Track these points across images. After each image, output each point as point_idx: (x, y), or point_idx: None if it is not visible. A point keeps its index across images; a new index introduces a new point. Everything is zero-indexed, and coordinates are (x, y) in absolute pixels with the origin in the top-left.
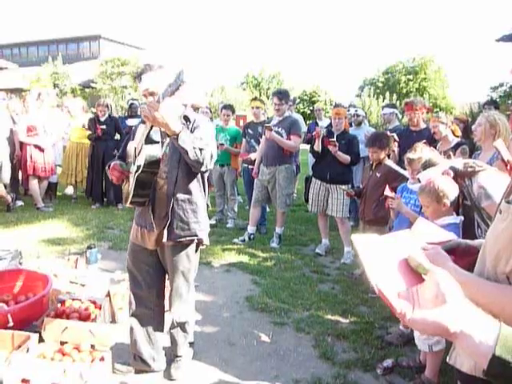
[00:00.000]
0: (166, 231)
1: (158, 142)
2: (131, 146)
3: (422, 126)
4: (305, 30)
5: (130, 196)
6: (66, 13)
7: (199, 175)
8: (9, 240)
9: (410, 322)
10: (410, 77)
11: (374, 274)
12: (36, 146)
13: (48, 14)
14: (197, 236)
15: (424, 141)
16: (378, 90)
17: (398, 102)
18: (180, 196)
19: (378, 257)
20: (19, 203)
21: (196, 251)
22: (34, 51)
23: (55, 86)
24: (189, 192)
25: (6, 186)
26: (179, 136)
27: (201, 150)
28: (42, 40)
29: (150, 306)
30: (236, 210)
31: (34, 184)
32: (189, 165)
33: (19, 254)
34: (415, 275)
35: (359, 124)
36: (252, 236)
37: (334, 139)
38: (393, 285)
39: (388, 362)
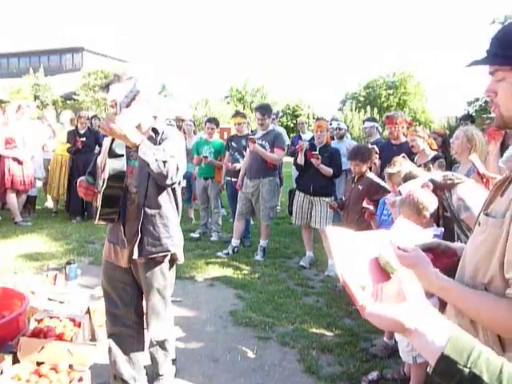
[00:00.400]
0: (136, 248)
1: (122, 156)
2: (99, 161)
3: (403, 139)
4: (288, 45)
5: (98, 212)
6: (49, 24)
7: (170, 188)
8: None
9: (369, 315)
10: (391, 91)
11: (341, 265)
12: (14, 159)
13: (30, 25)
14: (169, 251)
15: (403, 154)
16: (360, 104)
17: (378, 115)
18: (150, 211)
19: (349, 250)
20: None
21: (171, 267)
22: (15, 62)
23: (36, 97)
24: (159, 206)
25: None
26: (139, 148)
27: (164, 162)
28: (24, 51)
29: (128, 323)
30: (220, 223)
31: (12, 198)
32: None
33: None
34: (383, 274)
35: (341, 137)
36: (236, 249)
37: (317, 152)
38: (359, 278)
39: (373, 375)
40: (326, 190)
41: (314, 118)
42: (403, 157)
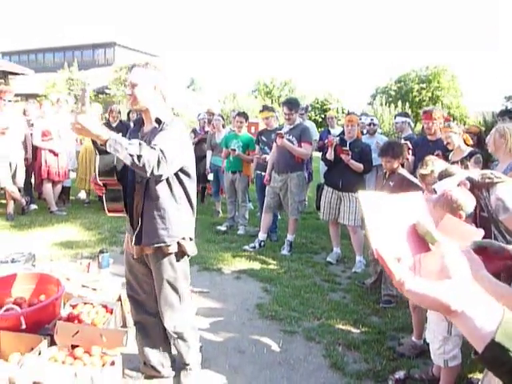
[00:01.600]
0: (134, 237)
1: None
2: None
3: (439, 135)
4: (317, 37)
5: (105, 205)
6: (83, 20)
7: (172, 181)
8: (22, 243)
9: (408, 292)
10: (423, 85)
11: (375, 236)
12: (50, 151)
13: (64, 20)
14: (165, 243)
15: (437, 152)
16: (391, 99)
17: (410, 110)
18: (148, 201)
19: (384, 216)
20: (33, 207)
21: (180, 259)
22: (51, 57)
23: (70, 91)
24: (157, 197)
25: (20, 190)
26: (107, 143)
27: (139, 156)
28: (58, 46)
29: (151, 312)
30: (247, 216)
31: (48, 188)
32: None
33: (32, 257)
34: (422, 243)
35: (373, 133)
36: (263, 243)
37: (347, 148)
38: (395, 249)
39: (400, 374)
40: (355, 186)
41: (343, 113)
42: (437, 155)
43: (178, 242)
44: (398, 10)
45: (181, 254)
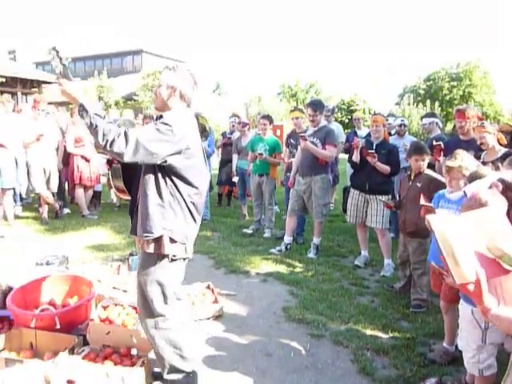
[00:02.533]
0: (130, 225)
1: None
2: None
3: (472, 135)
4: (343, 37)
5: (112, 183)
6: (111, 29)
7: (159, 180)
8: (56, 246)
9: (494, 318)
10: (454, 83)
11: (463, 259)
12: (82, 157)
13: (94, 30)
14: (141, 236)
15: (470, 153)
16: (419, 98)
17: (439, 109)
18: (142, 196)
19: (460, 240)
20: (66, 211)
21: (158, 261)
22: (81, 66)
23: (100, 98)
24: (145, 194)
25: (53, 195)
26: (79, 107)
27: (96, 126)
28: (89, 55)
29: None
30: (273, 219)
31: (80, 193)
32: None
33: (66, 260)
34: (498, 266)
35: (404, 134)
36: (289, 246)
37: (373, 150)
38: (469, 272)
39: (431, 381)
40: (382, 188)
41: (369, 114)
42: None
43: (158, 241)
44: (426, 7)
45: (160, 254)
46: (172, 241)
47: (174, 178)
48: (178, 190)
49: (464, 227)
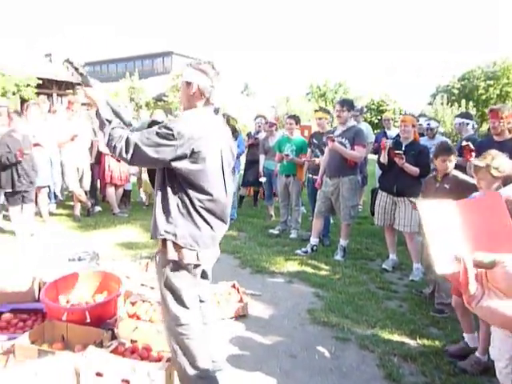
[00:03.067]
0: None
1: None
2: None
3: (507, 136)
4: (371, 36)
5: None
6: (142, 32)
7: (166, 183)
8: (88, 242)
9: (479, 309)
10: (491, 82)
11: (435, 242)
12: (113, 156)
13: (126, 33)
14: (157, 237)
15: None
16: (453, 98)
17: (475, 109)
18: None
19: (444, 227)
20: (97, 209)
21: (166, 264)
22: (114, 68)
23: (131, 99)
24: (156, 194)
25: (86, 193)
26: (96, 112)
27: (114, 145)
28: (121, 57)
29: None
30: (300, 220)
31: (111, 191)
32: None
33: (97, 256)
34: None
35: (434, 136)
36: (315, 247)
37: (401, 152)
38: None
39: None
40: (411, 190)
41: (400, 114)
42: None
43: (164, 245)
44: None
45: (168, 259)
46: (177, 246)
47: (183, 183)
48: (187, 195)
49: (454, 212)
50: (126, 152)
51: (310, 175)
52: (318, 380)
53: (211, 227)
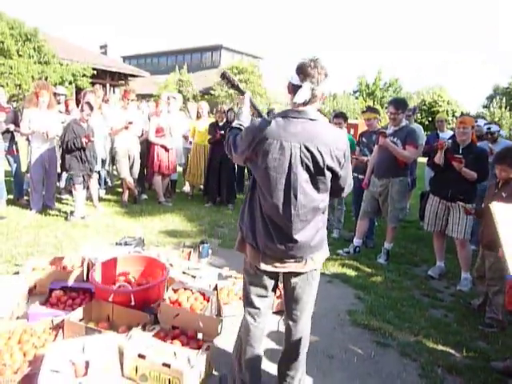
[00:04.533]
0: None
1: None
2: None
3: None
4: (425, 33)
5: None
6: (193, 25)
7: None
8: (134, 228)
9: None
10: None
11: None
12: (162, 146)
13: (176, 26)
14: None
15: None
16: None
17: None
18: None
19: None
20: (144, 196)
21: (244, 259)
22: (164, 61)
23: (179, 92)
24: None
25: (134, 181)
26: (240, 114)
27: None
28: (171, 50)
29: None
30: (342, 220)
31: (158, 180)
32: None
33: (142, 242)
34: None
35: (495, 140)
36: (357, 249)
37: (460, 155)
38: None
39: None
40: (466, 196)
41: (453, 116)
42: None
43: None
44: None
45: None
46: (242, 241)
47: (253, 181)
48: (253, 193)
49: None
50: (229, 152)
51: (356, 174)
52: (356, 383)
53: (272, 236)
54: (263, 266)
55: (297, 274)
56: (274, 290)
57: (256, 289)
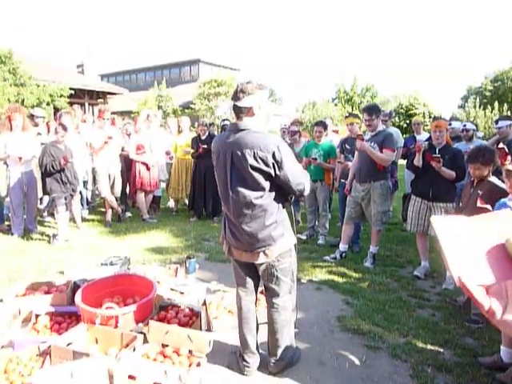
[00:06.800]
0: None
1: None
2: None
3: None
4: (400, 38)
5: None
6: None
7: None
8: (119, 247)
9: (500, 323)
10: None
11: (455, 263)
12: (143, 163)
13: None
14: None
15: None
16: (486, 100)
17: (509, 112)
18: None
19: (464, 241)
20: (128, 214)
21: None
22: (142, 77)
23: (159, 107)
24: None
25: (116, 199)
26: None
27: None
28: (149, 66)
29: None
30: (327, 226)
31: (141, 197)
32: None
33: (128, 261)
34: (509, 266)
35: (470, 139)
36: (344, 254)
37: (438, 155)
38: (481, 275)
39: None
40: (447, 196)
41: (430, 118)
42: None
43: None
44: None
45: None
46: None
47: None
48: None
49: (469, 228)
50: None
51: (343, 180)
52: None
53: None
54: (228, 255)
55: (261, 265)
56: (254, 274)
57: (237, 273)
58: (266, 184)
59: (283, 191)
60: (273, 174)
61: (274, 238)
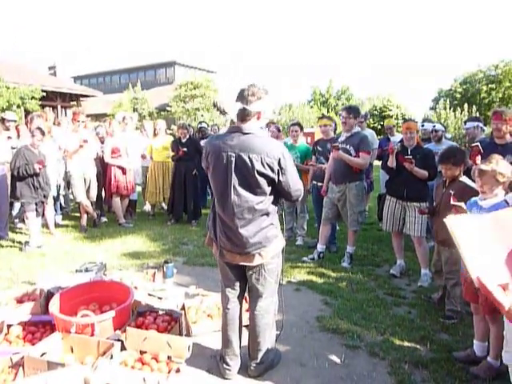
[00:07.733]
0: None
1: None
2: None
3: (509, 139)
4: (373, 42)
5: None
6: (145, 43)
7: None
8: (94, 253)
9: None
10: (493, 86)
11: (473, 264)
12: (119, 167)
13: (128, 44)
14: None
15: (507, 158)
16: (456, 102)
17: (478, 113)
18: None
19: (480, 241)
20: (103, 219)
21: None
22: (117, 79)
23: (134, 110)
24: None
25: (92, 204)
26: None
27: None
28: (124, 68)
29: None
30: (305, 227)
31: (116, 202)
32: None
33: (104, 267)
34: None
35: (439, 139)
36: (321, 254)
37: (410, 156)
38: (498, 275)
39: None
40: (420, 195)
41: (403, 119)
42: None
43: None
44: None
45: None
46: (210, 237)
47: None
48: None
49: (483, 225)
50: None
51: (315, 182)
52: None
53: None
54: (220, 258)
55: (251, 267)
56: (242, 278)
57: (225, 275)
58: (268, 189)
59: (278, 195)
60: (276, 180)
61: (270, 239)
